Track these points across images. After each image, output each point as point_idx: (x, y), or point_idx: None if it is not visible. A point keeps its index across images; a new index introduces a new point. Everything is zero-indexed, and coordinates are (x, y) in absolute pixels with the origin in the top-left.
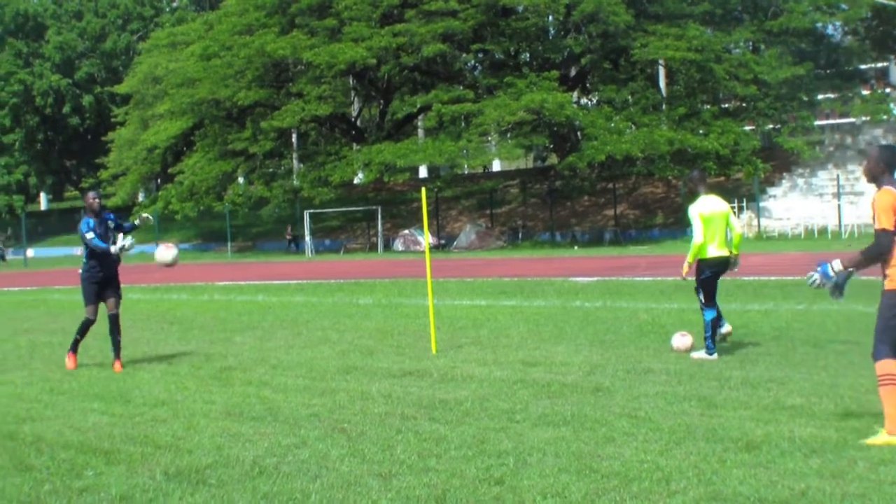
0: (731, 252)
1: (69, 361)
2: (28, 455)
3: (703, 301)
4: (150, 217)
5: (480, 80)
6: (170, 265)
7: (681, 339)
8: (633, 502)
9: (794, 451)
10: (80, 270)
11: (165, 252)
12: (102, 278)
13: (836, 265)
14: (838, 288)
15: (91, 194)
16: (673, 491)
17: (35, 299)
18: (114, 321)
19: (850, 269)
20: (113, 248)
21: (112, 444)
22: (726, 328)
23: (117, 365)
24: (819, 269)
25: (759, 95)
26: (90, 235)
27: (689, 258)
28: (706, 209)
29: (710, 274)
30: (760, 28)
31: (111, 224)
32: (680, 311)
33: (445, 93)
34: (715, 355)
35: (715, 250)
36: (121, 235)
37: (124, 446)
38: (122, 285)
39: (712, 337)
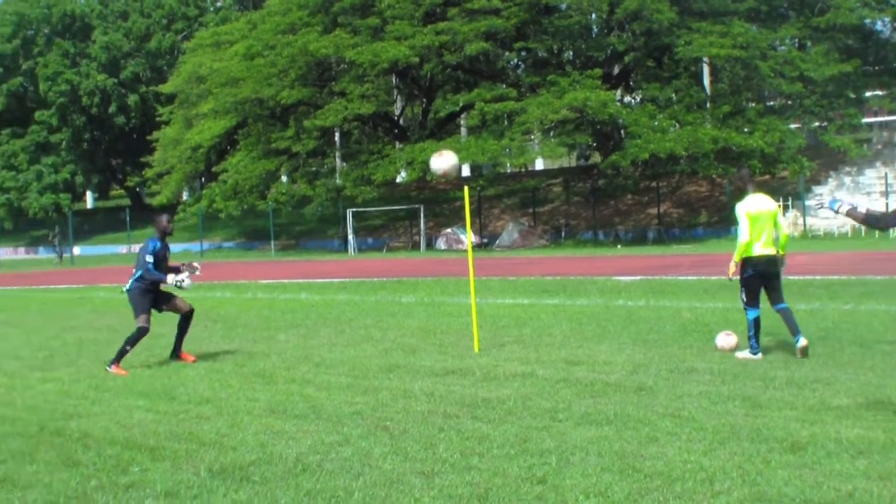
0: (777, 252)
1: (116, 370)
2: (75, 451)
3: (745, 300)
4: (198, 269)
5: (523, 79)
6: (447, 172)
7: (725, 339)
8: (677, 502)
9: (841, 452)
10: (130, 283)
11: (440, 161)
12: (155, 289)
13: (843, 209)
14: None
15: (165, 217)
16: (717, 491)
17: (81, 297)
18: (190, 317)
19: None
20: (170, 279)
21: (157, 440)
22: (802, 342)
23: (188, 356)
24: (829, 203)
25: (805, 93)
26: (150, 259)
27: (736, 257)
28: (753, 208)
29: (753, 273)
30: (807, 24)
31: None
32: (724, 311)
33: (488, 91)
34: (759, 355)
35: (760, 249)
36: (183, 276)
37: (169, 443)
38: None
39: (756, 336)
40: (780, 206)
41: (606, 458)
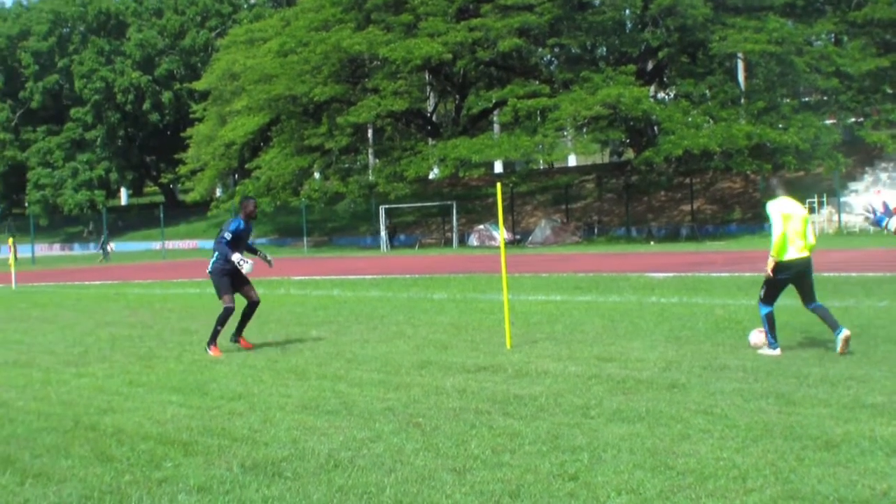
0: (810, 254)
1: (214, 352)
2: (109, 446)
3: (762, 296)
4: (271, 262)
5: (556, 75)
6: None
7: (758, 336)
8: (709, 500)
9: (875, 450)
10: (211, 264)
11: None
12: (232, 271)
13: (892, 225)
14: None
15: (252, 202)
16: (749, 489)
17: (116, 293)
18: (255, 306)
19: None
20: (234, 257)
21: (190, 436)
22: (844, 332)
23: (247, 342)
24: (876, 219)
25: (841, 88)
26: (228, 235)
27: (773, 251)
28: (787, 209)
29: (786, 276)
30: (843, 19)
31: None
32: (757, 308)
33: (521, 87)
34: (778, 350)
35: (793, 252)
36: (249, 261)
37: (202, 438)
38: (199, 279)
39: (772, 332)
40: (814, 202)
41: (638, 454)
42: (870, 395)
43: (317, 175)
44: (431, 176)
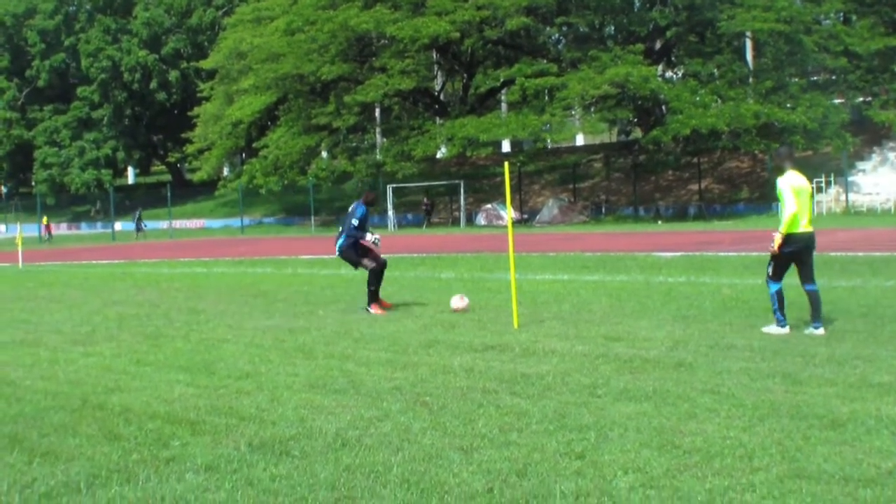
0: (814, 229)
1: (377, 310)
2: (117, 425)
3: (770, 274)
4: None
5: (564, 54)
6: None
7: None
8: (716, 479)
9: (881, 428)
10: (341, 241)
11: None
12: (356, 244)
13: None
14: None
15: (372, 194)
16: (756, 467)
17: (123, 272)
18: (384, 268)
19: None
20: (368, 237)
21: (197, 415)
22: (819, 332)
23: (386, 303)
24: None
25: (849, 68)
26: (355, 222)
27: (783, 228)
28: (796, 182)
29: (793, 249)
30: None
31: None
32: (764, 287)
33: (529, 66)
34: (787, 328)
35: (804, 226)
36: (377, 236)
37: (209, 417)
38: (206, 259)
39: (781, 309)
40: (822, 181)
41: (645, 433)
42: (876, 375)
43: (324, 154)
44: (439, 155)
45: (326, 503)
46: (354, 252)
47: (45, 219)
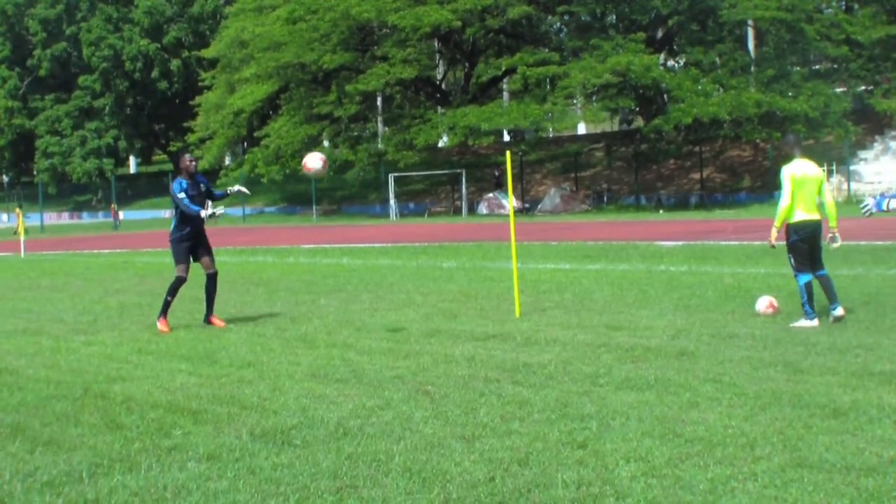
0: (822, 217)
1: (162, 326)
2: (119, 414)
3: (794, 265)
4: (247, 191)
5: (566, 43)
6: (317, 172)
7: (765, 302)
8: (717, 467)
9: (883, 417)
10: (170, 232)
11: (314, 160)
12: (193, 238)
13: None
14: None
15: (188, 157)
16: (757, 457)
17: (125, 261)
18: (213, 279)
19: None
20: (203, 213)
21: (199, 404)
22: (839, 311)
23: (217, 321)
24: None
25: (851, 56)
26: (182, 196)
27: (777, 222)
28: (798, 171)
29: (797, 238)
30: None
31: (203, 188)
32: (766, 276)
33: (531, 55)
34: (816, 321)
35: (803, 214)
36: (209, 203)
37: (211, 406)
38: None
39: (810, 302)
40: (824, 170)
41: (647, 422)
42: (878, 364)
43: (326, 143)
44: (441, 144)
45: (328, 492)
46: (178, 247)
47: (113, 205)
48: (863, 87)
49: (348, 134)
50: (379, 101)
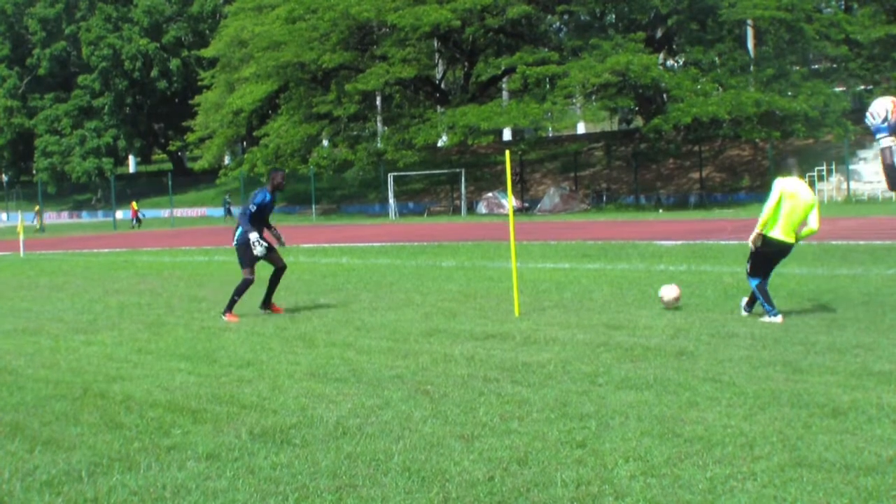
0: (795, 241)
1: (231, 318)
2: (118, 413)
3: (748, 269)
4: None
5: (565, 42)
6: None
7: (670, 290)
8: (717, 467)
9: (882, 417)
10: (238, 235)
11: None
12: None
13: (884, 142)
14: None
15: (281, 173)
16: (757, 456)
17: (124, 261)
18: (281, 272)
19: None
20: (252, 236)
21: (199, 403)
22: (744, 314)
23: (278, 307)
24: (877, 126)
25: (850, 56)
26: (253, 208)
27: (759, 226)
28: (790, 188)
29: (766, 251)
30: None
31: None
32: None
33: (530, 55)
34: (779, 316)
35: (779, 234)
36: (265, 238)
37: (210, 406)
38: (209, 247)
39: (767, 300)
40: (823, 170)
41: (646, 422)
42: (877, 363)
43: (325, 143)
44: (440, 143)
45: (327, 491)
46: (247, 251)
47: (133, 203)
48: (862, 87)
49: (348, 133)
50: (378, 101)
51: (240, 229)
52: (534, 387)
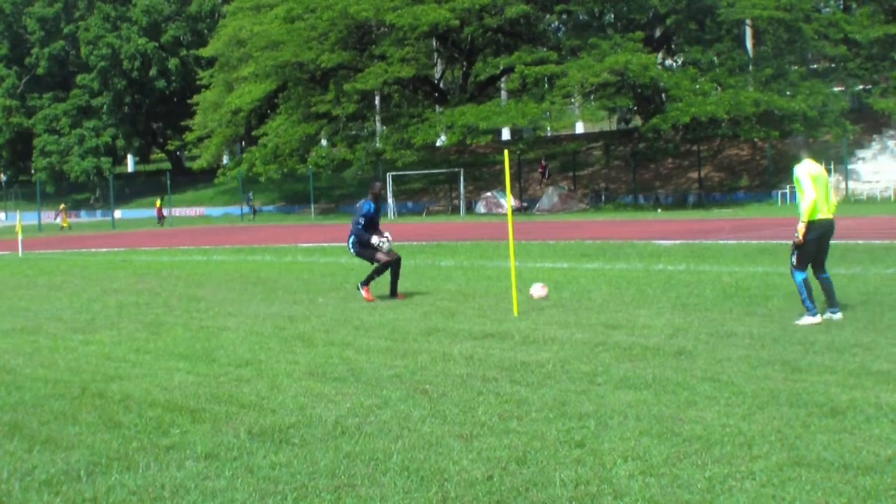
0: (834, 217)
1: (367, 294)
2: (117, 413)
3: (794, 263)
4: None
5: (564, 42)
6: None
7: (539, 289)
8: (715, 466)
9: (881, 416)
10: (351, 243)
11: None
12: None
13: None
14: None
15: (379, 183)
16: (755, 455)
17: (123, 260)
18: (399, 263)
19: None
20: (374, 240)
21: (197, 402)
22: (838, 315)
23: (401, 296)
24: None
25: (849, 55)
26: (362, 220)
27: (805, 217)
28: (814, 170)
29: (814, 237)
30: None
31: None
32: (764, 275)
33: (529, 54)
34: (818, 317)
35: (822, 214)
36: (382, 235)
37: (209, 405)
38: (207, 246)
39: (809, 297)
40: (823, 168)
41: (645, 421)
42: (875, 363)
43: (324, 142)
44: (439, 143)
45: (326, 490)
46: (364, 250)
47: (158, 202)
48: (861, 87)
49: (346, 133)
50: (377, 100)
51: (352, 237)
52: (532, 386)
